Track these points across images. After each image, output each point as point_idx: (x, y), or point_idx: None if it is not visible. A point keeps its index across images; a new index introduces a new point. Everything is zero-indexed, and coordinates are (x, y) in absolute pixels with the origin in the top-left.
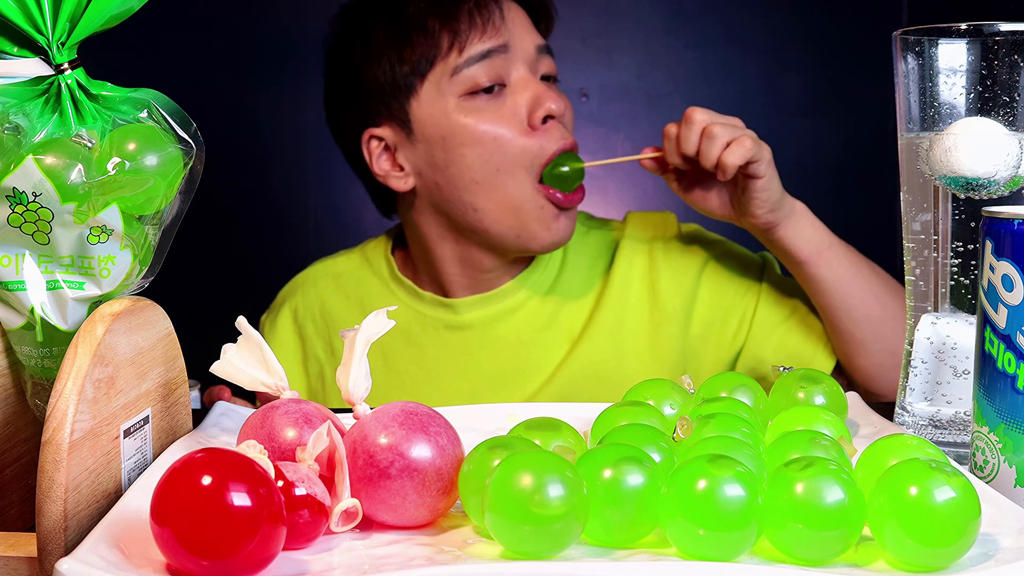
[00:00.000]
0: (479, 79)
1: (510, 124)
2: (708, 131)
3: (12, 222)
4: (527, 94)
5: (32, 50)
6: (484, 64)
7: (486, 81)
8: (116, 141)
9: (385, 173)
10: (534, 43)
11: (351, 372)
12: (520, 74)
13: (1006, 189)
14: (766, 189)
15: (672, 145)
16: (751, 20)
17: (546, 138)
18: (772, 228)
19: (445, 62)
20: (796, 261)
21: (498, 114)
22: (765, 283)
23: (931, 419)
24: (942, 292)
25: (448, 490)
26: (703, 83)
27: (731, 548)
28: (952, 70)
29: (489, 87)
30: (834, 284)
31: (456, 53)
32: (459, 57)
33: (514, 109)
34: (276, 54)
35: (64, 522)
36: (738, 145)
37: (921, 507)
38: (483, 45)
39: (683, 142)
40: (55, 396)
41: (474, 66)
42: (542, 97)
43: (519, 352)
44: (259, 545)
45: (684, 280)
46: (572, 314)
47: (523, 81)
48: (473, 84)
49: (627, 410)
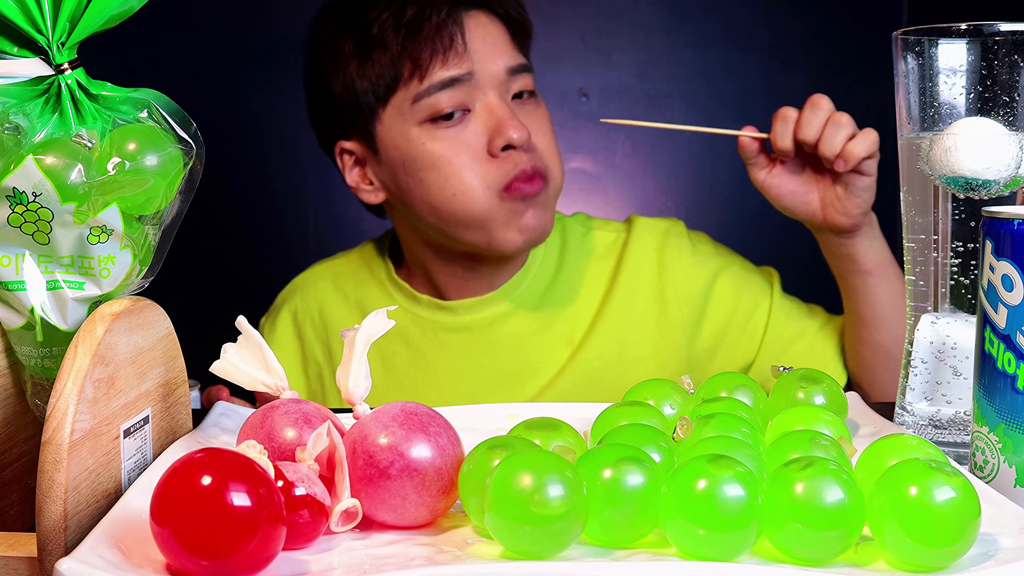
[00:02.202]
0: (441, 106)
1: (469, 152)
2: (835, 118)
3: (12, 222)
4: (490, 121)
5: (32, 50)
6: (446, 93)
7: (448, 108)
8: (116, 141)
9: (356, 185)
10: (505, 65)
11: (351, 372)
12: (485, 100)
13: (1006, 189)
14: (870, 189)
15: (787, 128)
16: (751, 20)
17: (506, 165)
18: (855, 232)
19: (407, 88)
20: (863, 271)
21: (458, 140)
22: (775, 299)
23: (931, 419)
24: (942, 292)
25: (448, 490)
26: (703, 83)
27: (731, 548)
28: (952, 70)
29: (450, 113)
30: (888, 298)
31: (417, 81)
32: (420, 85)
33: (476, 135)
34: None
35: (64, 522)
36: (864, 136)
37: (921, 507)
38: (446, 73)
39: (805, 126)
40: (55, 396)
41: (435, 94)
42: (503, 125)
43: (518, 354)
44: (259, 545)
45: (693, 291)
46: (573, 317)
47: (487, 108)
48: (435, 111)
49: (627, 410)
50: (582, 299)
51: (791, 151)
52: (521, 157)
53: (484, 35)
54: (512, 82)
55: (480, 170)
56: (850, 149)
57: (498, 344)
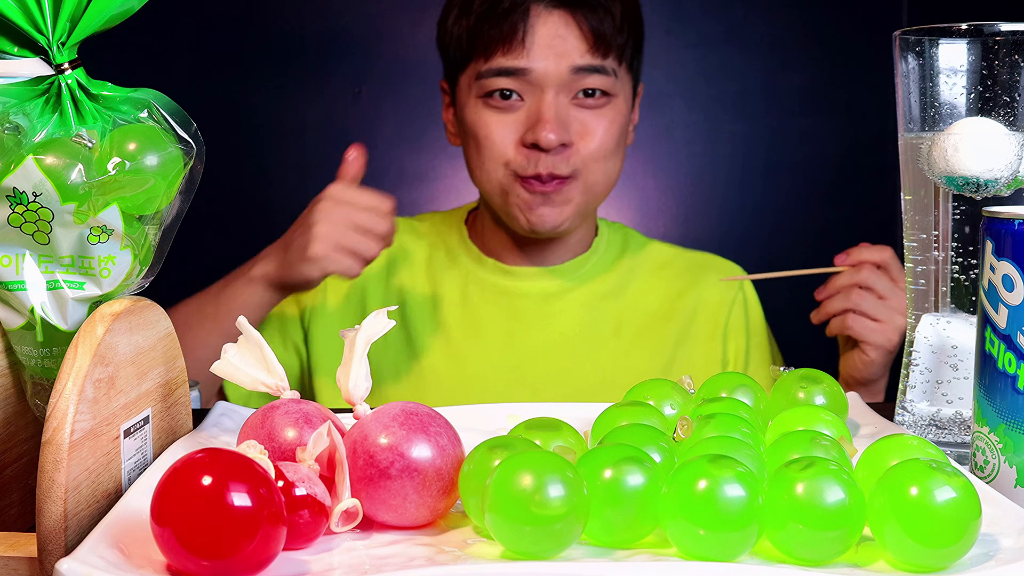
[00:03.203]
0: (498, 85)
1: (506, 136)
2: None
3: (12, 222)
4: (532, 116)
5: (32, 50)
6: (504, 79)
7: (504, 87)
8: (116, 141)
9: (446, 122)
10: (569, 65)
11: (351, 372)
12: (539, 95)
13: (1006, 189)
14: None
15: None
16: (751, 20)
17: (529, 161)
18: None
19: (475, 64)
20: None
21: (500, 122)
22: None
23: (931, 419)
24: (942, 292)
25: (448, 490)
26: (703, 83)
27: (731, 548)
28: (952, 70)
29: (508, 93)
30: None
31: (482, 60)
32: (483, 64)
33: (517, 123)
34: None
35: (64, 522)
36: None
37: (922, 507)
38: (505, 61)
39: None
40: (55, 396)
41: (493, 78)
42: (538, 126)
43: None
44: (259, 545)
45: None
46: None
47: (537, 102)
48: (491, 88)
49: (627, 410)
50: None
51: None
52: (545, 159)
53: (554, 33)
54: (577, 81)
55: (509, 155)
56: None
57: (551, 316)
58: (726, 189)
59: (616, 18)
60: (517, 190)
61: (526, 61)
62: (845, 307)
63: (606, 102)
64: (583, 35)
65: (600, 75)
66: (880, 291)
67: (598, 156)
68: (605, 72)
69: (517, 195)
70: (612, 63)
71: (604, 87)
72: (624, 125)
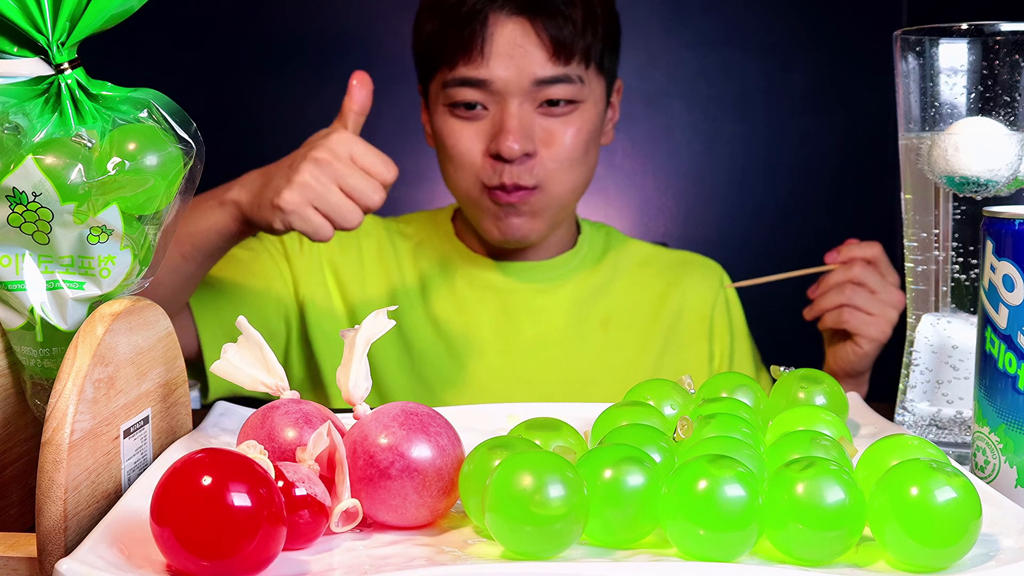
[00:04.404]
0: (462, 96)
1: (471, 146)
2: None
3: (12, 222)
4: (495, 126)
5: (32, 50)
6: (467, 89)
7: (468, 99)
8: (116, 141)
9: (424, 124)
10: (532, 76)
11: (351, 372)
12: (502, 104)
13: (1006, 189)
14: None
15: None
16: (751, 20)
17: (494, 171)
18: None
19: (442, 73)
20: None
21: (464, 132)
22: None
23: (932, 419)
24: (943, 292)
25: (448, 490)
26: (703, 83)
27: (732, 548)
28: (953, 70)
29: (472, 103)
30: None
31: (447, 69)
32: (448, 73)
33: (481, 134)
34: (277, 54)
35: (64, 522)
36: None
37: (922, 507)
38: (466, 72)
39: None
40: (55, 396)
41: (457, 87)
42: (500, 137)
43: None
44: (259, 545)
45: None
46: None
47: (500, 112)
48: (456, 99)
49: (627, 410)
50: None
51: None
52: (508, 170)
53: (513, 42)
54: (540, 92)
55: (475, 165)
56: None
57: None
58: (726, 189)
59: (577, 21)
60: (485, 201)
61: (486, 71)
62: (840, 302)
63: (572, 109)
64: (542, 43)
65: (564, 84)
66: (872, 286)
67: (564, 165)
68: (569, 80)
69: (485, 206)
70: (577, 69)
71: (569, 96)
72: (593, 130)
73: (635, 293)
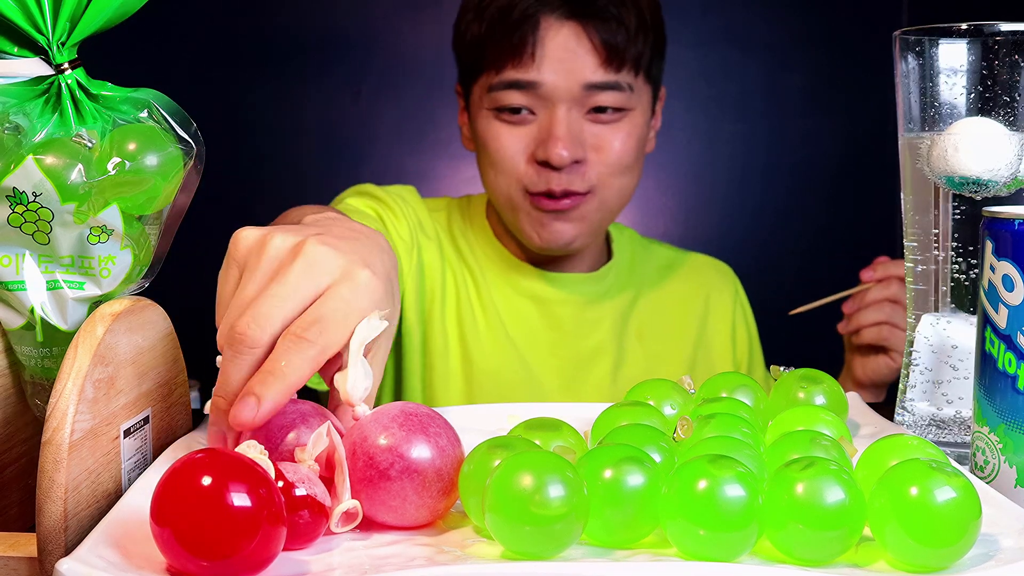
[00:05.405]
0: (508, 100)
1: (517, 151)
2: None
3: (12, 222)
4: (543, 132)
5: (32, 50)
6: (514, 93)
7: (515, 103)
8: (116, 141)
9: (461, 126)
10: (581, 82)
11: (349, 373)
12: (550, 109)
13: (1006, 189)
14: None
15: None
16: (751, 20)
17: (540, 177)
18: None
19: (487, 76)
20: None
21: (511, 136)
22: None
23: (931, 419)
24: (942, 292)
25: (448, 491)
26: (703, 83)
27: (731, 548)
28: (952, 70)
29: (518, 108)
30: None
31: (493, 72)
32: (494, 76)
33: (528, 139)
34: (277, 54)
35: (64, 522)
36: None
37: (922, 507)
38: (515, 74)
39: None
40: (55, 396)
41: (503, 91)
42: (548, 143)
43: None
44: (259, 545)
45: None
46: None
47: (548, 117)
48: (501, 104)
49: (627, 410)
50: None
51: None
52: (557, 177)
53: (564, 46)
54: (590, 98)
55: (519, 171)
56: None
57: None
58: (726, 189)
59: (630, 28)
60: (527, 207)
61: (536, 74)
62: (879, 319)
63: (620, 117)
64: (595, 49)
65: (614, 91)
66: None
67: (615, 171)
68: (619, 88)
69: (527, 211)
70: (627, 76)
71: (618, 103)
72: (641, 137)
73: (661, 302)
